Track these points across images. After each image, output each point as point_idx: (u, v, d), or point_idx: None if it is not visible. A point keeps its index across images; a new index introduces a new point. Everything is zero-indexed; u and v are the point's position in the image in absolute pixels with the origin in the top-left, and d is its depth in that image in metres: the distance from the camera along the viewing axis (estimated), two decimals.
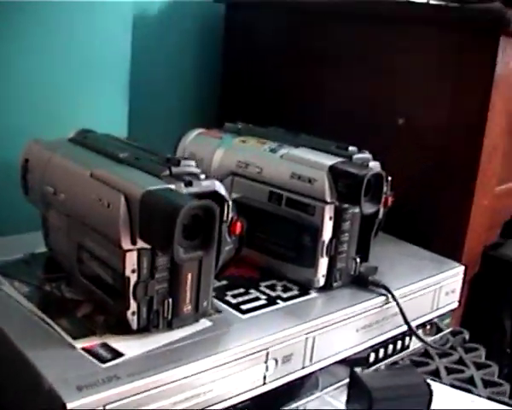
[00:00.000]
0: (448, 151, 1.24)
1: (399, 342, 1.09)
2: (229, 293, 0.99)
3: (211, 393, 0.83)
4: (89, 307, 0.91)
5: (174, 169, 0.85)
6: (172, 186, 0.82)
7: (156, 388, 0.77)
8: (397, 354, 1.09)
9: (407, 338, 1.10)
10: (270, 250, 1.05)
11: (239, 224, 0.89)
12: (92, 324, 0.87)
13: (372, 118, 1.29)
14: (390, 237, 1.21)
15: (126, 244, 0.81)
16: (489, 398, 1.01)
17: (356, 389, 0.94)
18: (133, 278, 0.82)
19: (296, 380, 0.95)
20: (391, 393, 0.92)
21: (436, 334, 1.16)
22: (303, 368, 0.94)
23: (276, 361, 0.90)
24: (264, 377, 0.89)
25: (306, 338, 0.93)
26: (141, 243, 0.81)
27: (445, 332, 1.18)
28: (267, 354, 0.89)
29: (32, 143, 1.00)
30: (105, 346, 0.83)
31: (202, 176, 0.86)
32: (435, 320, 1.15)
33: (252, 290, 1.01)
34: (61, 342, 0.83)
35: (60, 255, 0.97)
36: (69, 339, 0.83)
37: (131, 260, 0.82)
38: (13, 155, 1.06)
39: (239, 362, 0.86)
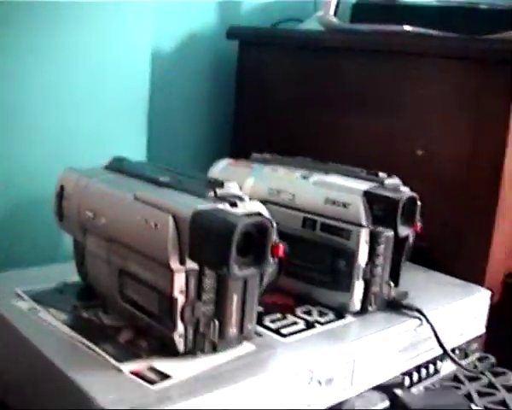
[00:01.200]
0: (469, 180, 1.23)
1: (431, 367, 1.07)
2: (267, 318, 0.97)
3: None
4: (130, 332, 0.89)
5: (219, 191, 0.83)
6: (220, 206, 0.80)
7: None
8: (429, 378, 1.07)
9: (438, 362, 1.08)
10: (303, 276, 1.04)
11: (282, 246, 0.87)
12: (136, 348, 0.85)
13: (389, 153, 1.28)
14: (415, 266, 1.20)
15: (175, 265, 0.79)
16: None
17: None
18: (181, 300, 0.80)
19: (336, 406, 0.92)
20: None
21: (464, 359, 1.14)
22: (344, 391, 0.92)
23: (320, 383, 0.88)
24: (308, 400, 0.87)
25: (347, 361, 0.91)
26: (189, 264, 0.79)
27: (472, 357, 1.16)
28: (311, 375, 0.86)
29: (68, 171, 0.98)
30: (152, 369, 0.80)
31: (246, 198, 0.84)
32: (463, 346, 1.14)
33: (288, 316, 0.99)
34: (108, 366, 0.80)
35: (97, 283, 0.95)
36: (115, 363, 0.81)
37: (180, 280, 0.80)
38: (42, 188, 1.05)
39: (286, 383, 0.84)
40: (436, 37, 1.25)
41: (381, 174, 1.03)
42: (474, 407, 1.02)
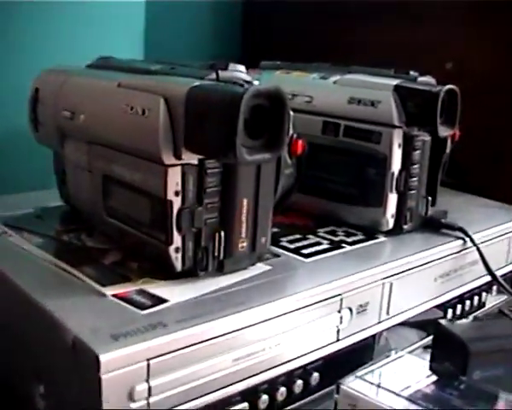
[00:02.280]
0: (507, 93, 1.01)
1: (476, 298, 0.85)
2: (284, 239, 0.76)
3: (278, 348, 0.60)
4: (118, 254, 0.68)
5: (222, 73, 0.61)
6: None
7: (213, 338, 0.55)
8: (473, 312, 0.86)
9: (484, 294, 0.87)
10: (326, 192, 0.82)
11: (300, 142, 0.66)
12: (124, 270, 0.64)
13: (416, 66, 1.05)
14: (450, 191, 0.98)
15: (168, 158, 0.58)
16: None
17: (444, 345, 0.70)
18: (177, 203, 0.59)
19: (368, 339, 0.71)
20: (489, 345, 0.68)
21: None
22: (379, 323, 0.71)
23: (351, 311, 0.67)
24: (338, 332, 0.66)
25: (383, 283, 0.70)
26: (186, 157, 0.59)
27: None
28: (341, 300, 0.65)
29: (43, 73, 0.77)
30: (143, 292, 0.60)
31: (256, 82, 0.62)
32: (509, 275, 0.92)
33: (310, 236, 0.77)
34: (87, 291, 0.60)
35: (79, 199, 0.74)
36: (97, 286, 0.60)
37: (174, 178, 0.59)
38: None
39: (310, 309, 0.63)
40: None
41: (413, 73, 0.82)
42: None
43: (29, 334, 0.61)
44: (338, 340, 0.67)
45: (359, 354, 0.70)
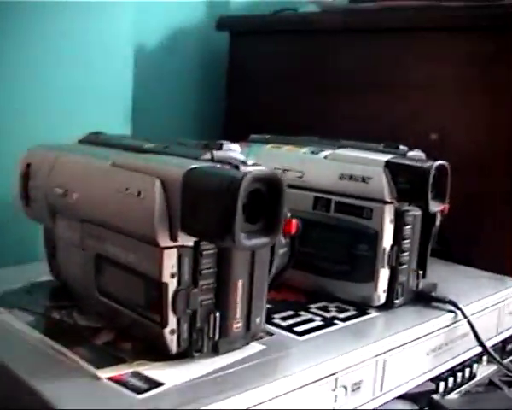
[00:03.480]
0: (489, 166, 1.03)
1: (467, 370, 0.85)
2: (277, 316, 0.75)
3: None
4: (111, 333, 0.67)
5: (216, 153, 0.62)
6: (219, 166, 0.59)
7: None
8: (464, 384, 0.85)
9: (475, 365, 0.86)
10: (317, 268, 0.82)
11: (294, 221, 0.67)
12: (118, 351, 0.63)
13: (399, 139, 1.04)
14: (437, 260, 0.98)
15: (164, 240, 0.58)
16: None
17: None
18: (172, 285, 0.59)
19: None
20: None
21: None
22: (373, 399, 0.70)
23: (346, 389, 0.66)
24: None
25: (377, 361, 0.70)
26: (182, 239, 0.58)
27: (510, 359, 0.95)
28: (336, 380, 0.65)
29: (35, 148, 0.77)
30: (138, 375, 0.59)
31: (250, 162, 0.62)
32: (499, 346, 0.92)
33: (302, 313, 0.77)
34: (82, 374, 0.59)
35: (70, 276, 0.73)
36: (91, 369, 0.59)
37: (170, 260, 0.59)
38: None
39: (306, 390, 0.62)
40: (442, 7, 1.05)
41: (402, 147, 0.83)
42: None
43: None
44: None
45: None
